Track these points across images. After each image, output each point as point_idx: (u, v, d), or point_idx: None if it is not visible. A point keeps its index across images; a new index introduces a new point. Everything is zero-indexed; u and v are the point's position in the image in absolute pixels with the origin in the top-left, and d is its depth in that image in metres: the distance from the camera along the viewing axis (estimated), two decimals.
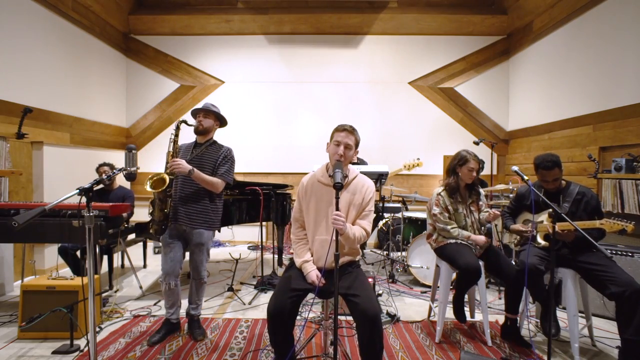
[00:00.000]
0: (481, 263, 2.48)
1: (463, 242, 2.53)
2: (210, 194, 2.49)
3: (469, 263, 2.32)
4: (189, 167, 2.30)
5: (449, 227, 2.55)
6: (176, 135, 2.38)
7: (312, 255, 1.97)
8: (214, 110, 2.53)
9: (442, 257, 2.60)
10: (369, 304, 1.67)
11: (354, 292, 1.73)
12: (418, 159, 3.74)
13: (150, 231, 2.40)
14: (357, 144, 1.96)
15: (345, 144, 1.89)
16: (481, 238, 2.50)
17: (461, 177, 2.57)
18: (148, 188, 2.24)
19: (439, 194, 2.62)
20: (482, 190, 2.69)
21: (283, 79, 5.82)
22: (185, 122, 2.43)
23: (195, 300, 2.57)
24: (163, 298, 2.57)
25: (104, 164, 3.77)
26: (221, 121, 2.62)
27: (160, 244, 2.51)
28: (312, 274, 1.88)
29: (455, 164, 2.57)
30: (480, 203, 2.65)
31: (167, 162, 2.36)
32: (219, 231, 2.69)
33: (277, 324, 1.75)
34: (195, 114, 2.54)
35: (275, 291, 1.84)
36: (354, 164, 3.56)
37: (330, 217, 1.69)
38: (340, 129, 1.93)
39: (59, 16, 4.30)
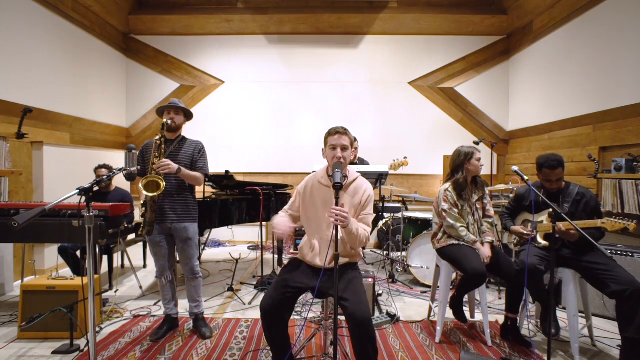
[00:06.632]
0: None
1: (466, 244, 2.49)
2: (191, 189, 2.60)
3: (475, 268, 2.29)
4: (177, 166, 2.34)
5: (458, 224, 2.48)
6: (162, 137, 2.39)
7: (311, 251, 1.96)
8: (182, 107, 2.56)
9: (445, 258, 2.56)
10: (358, 308, 1.68)
11: (345, 296, 1.73)
12: (405, 157, 3.57)
13: (140, 232, 2.40)
14: (352, 144, 1.97)
15: (341, 145, 1.89)
16: (486, 252, 2.43)
17: (470, 171, 2.52)
18: (144, 192, 2.26)
19: (447, 189, 2.55)
20: (487, 189, 2.67)
21: (283, 79, 5.82)
22: (167, 123, 2.42)
23: (195, 298, 2.59)
24: (161, 295, 2.62)
25: (103, 166, 3.75)
26: (188, 116, 2.65)
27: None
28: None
29: (463, 160, 2.52)
30: (485, 202, 2.61)
31: (151, 163, 2.35)
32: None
33: (269, 320, 1.79)
34: (163, 111, 2.54)
35: (269, 288, 1.87)
36: (354, 164, 3.56)
37: (329, 216, 1.65)
38: (333, 132, 1.93)
39: (59, 16, 4.30)
